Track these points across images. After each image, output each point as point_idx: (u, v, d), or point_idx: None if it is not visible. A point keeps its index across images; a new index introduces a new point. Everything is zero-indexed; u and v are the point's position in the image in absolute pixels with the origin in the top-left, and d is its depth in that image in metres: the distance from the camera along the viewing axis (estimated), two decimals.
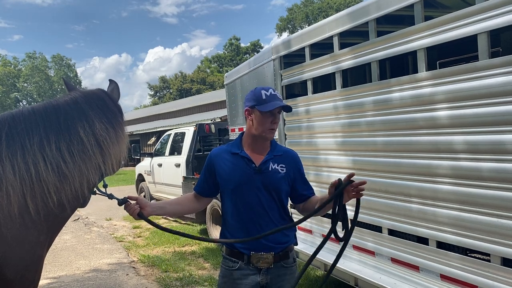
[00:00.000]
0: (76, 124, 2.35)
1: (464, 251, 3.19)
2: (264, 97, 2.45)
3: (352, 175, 2.30)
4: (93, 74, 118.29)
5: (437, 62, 5.10)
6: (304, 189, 2.65)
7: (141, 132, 32.13)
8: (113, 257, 7.37)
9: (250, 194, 2.50)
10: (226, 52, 63.24)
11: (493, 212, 2.85)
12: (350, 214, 2.50)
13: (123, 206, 2.51)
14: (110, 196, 2.58)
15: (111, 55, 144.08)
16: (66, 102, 2.43)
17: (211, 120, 15.64)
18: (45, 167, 2.22)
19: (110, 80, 2.80)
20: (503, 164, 2.76)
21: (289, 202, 2.74)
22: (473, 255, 3.20)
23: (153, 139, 28.70)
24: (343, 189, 2.28)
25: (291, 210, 3.98)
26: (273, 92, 2.49)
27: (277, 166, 2.54)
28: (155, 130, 30.20)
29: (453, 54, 4.73)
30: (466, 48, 4.20)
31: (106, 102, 2.53)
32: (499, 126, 2.77)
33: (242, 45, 62.26)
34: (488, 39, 2.82)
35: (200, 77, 58.68)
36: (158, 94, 64.91)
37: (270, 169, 2.53)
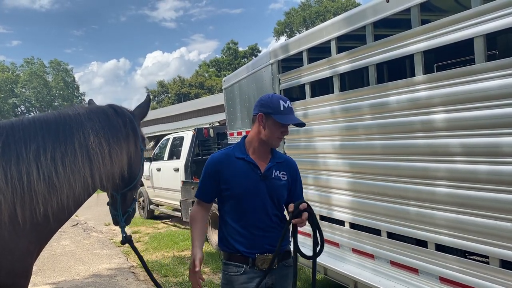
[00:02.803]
0: (73, 135, 2.37)
1: (463, 253, 3.20)
2: (282, 108, 2.50)
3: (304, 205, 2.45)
4: (91, 79, 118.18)
5: (435, 65, 5.14)
6: (296, 196, 2.68)
7: None
8: (112, 262, 7.36)
9: (255, 200, 2.53)
10: (224, 56, 63.34)
11: (491, 214, 2.86)
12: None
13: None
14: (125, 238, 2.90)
15: (109, 60, 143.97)
16: (68, 113, 2.47)
17: (210, 124, 15.64)
18: (37, 176, 2.23)
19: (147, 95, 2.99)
20: (499, 167, 2.78)
21: None
22: (472, 257, 3.21)
23: (152, 143, 28.68)
24: (292, 218, 2.44)
25: None
26: (290, 105, 2.56)
27: (279, 173, 2.59)
28: (153, 134, 30.16)
29: (450, 57, 4.76)
30: (463, 51, 4.22)
31: (109, 117, 2.55)
32: (496, 128, 2.78)
33: (240, 49, 62.39)
34: (484, 42, 2.85)
35: (198, 82, 58.75)
36: (156, 98, 64.91)
37: (273, 175, 2.57)
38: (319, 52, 4.80)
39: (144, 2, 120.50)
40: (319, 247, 2.57)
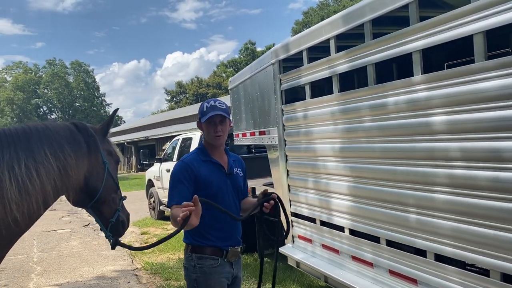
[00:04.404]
0: (44, 147, 2.49)
1: (463, 264, 3.01)
2: (205, 109, 2.73)
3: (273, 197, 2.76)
4: (112, 79, 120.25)
5: (445, 64, 4.91)
6: (245, 191, 3.02)
7: (156, 136, 32.36)
8: (117, 264, 7.33)
9: (226, 196, 2.77)
10: (241, 56, 63.36)
11: (491, 224, 2.66)
12: None
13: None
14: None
15: (130, 60, 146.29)
16: (36, 127, 2.58)
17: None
18: (10, 184, 2.31)
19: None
20: (501, 173, 2.58)
21: None
22: (474, 268, 3.02)
23: (168, 144, 28.83)
24: (263, 202, 2.72)
25: None
26: (213, 103, 2.75)
27: (237, 170, 2.90)
28: (170, 134, 30.35)
29: (462, 55, 4.52)
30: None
31: (72, 133, 2.70)
32: (497, 132, 2.59)
33: (258, 49, 62.27)
34: (484, 39, 2.65)
35: (216, 82, 58.94)
36: (174, 99, 65.41)
37: (234, 172, 2.86)
38: (319, 52, 4.64)
39: (164, 4, 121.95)
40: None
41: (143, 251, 8.11)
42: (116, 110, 3.17)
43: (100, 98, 68.19)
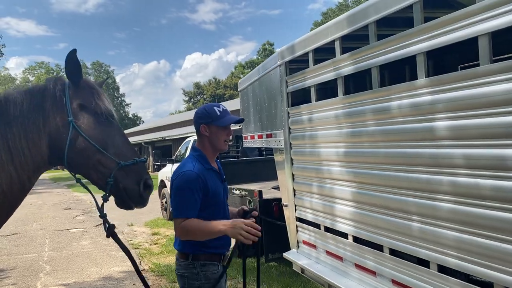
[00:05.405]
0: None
1: (467, 277, 2.87)
2: (218, 113, 2.71)
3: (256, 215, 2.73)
4: (132, 80, 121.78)
5: (459, 67, 4.76)
6: None
7: (173, 137, 32.54)
8: (125, 264, 7.34)
9: (224, 204, 2.80)
10: (259, 57, 63.35)
11: (495, 235, 2.53)
12: None
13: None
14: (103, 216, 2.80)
15: (150, 61, 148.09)
16: (4, 95, 2.45)
17: (239, 126, 15.49)
18: None
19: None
20: (506, 182, 2.44)
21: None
22: (478, 281, 2.88)
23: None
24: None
25: None
26: (224, 108, 2.77)
27: (223, 174, 2.89)
28: (186, 135, 30.49)
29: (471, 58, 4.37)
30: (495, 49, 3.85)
31: (38, 94, 2.46)
32: (501, 139, 2.45)
33: (277, 49, 62.20)
34: (489, 41, 2.52)
35: (233, 83, 59.04)
36: (192, 100, 65.78)
37: (225, 178, 2.88)
38: (325, 53, 4.54)
39: (184, 5, 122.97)
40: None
41: (152, 253, 8.11)
42: (74, 50, 2.54)
43: (119, 98, 69.11)
